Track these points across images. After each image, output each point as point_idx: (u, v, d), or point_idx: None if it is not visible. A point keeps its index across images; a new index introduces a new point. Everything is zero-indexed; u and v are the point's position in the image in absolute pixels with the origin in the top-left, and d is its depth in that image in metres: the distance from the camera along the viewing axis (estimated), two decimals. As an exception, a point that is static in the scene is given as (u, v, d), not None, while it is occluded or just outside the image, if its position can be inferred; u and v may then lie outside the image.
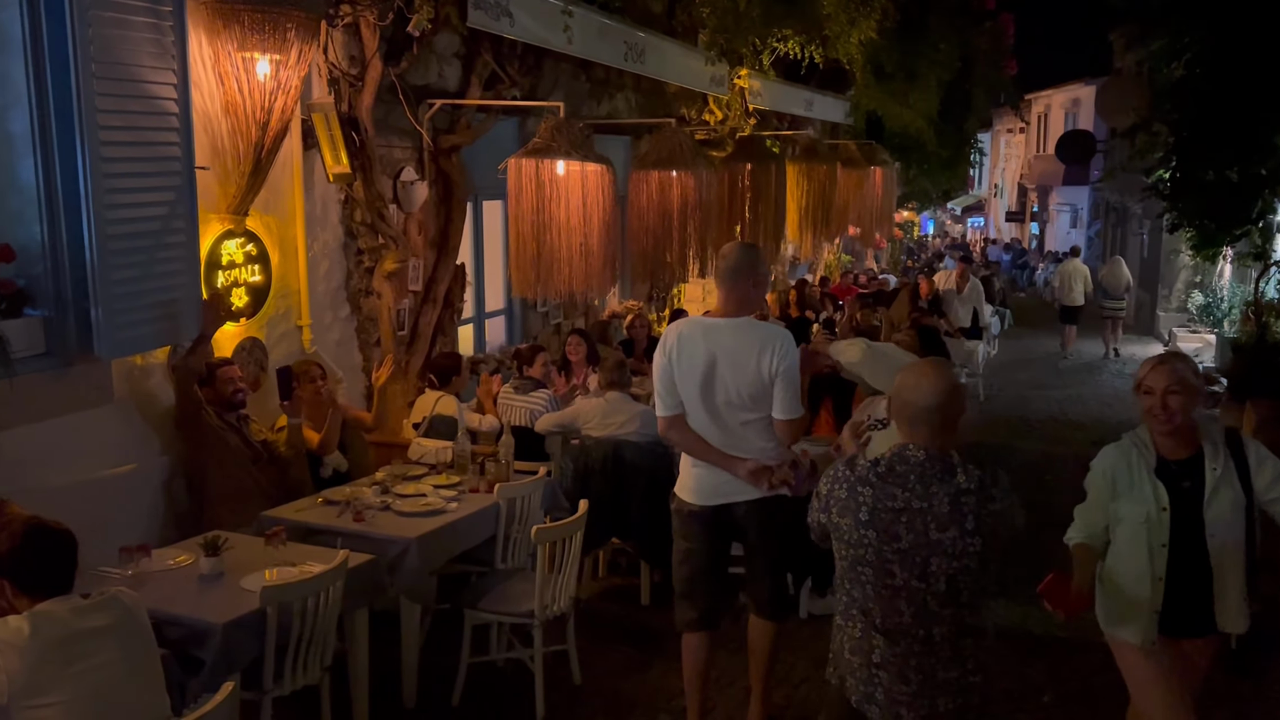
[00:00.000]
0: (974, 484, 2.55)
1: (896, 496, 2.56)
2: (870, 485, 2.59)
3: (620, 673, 4.81)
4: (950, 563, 2.52)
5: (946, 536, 2.52)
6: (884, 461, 2.61)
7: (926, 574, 2.54)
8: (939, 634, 2.57)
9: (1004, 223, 38.01)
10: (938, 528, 2.52)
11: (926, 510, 2.53)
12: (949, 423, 2.60)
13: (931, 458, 2.57)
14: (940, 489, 2.54)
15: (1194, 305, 15.63)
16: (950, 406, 2.59)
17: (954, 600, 2.55)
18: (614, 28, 7.25)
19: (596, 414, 5.52)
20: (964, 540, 2.51)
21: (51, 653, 2.56)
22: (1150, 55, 10.82)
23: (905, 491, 2.55)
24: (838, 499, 2.64)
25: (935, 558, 2.53)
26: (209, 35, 4.60)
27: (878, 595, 2.60)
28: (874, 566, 2.58)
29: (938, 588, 2.54)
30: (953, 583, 2.54)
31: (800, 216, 10.50)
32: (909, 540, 2.54)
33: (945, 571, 2.53)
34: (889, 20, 10.76)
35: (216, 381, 4.74)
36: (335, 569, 3.65)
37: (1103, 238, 24.69)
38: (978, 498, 2.53)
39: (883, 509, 2.56)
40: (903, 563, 2.55)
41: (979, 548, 2.52)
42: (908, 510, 2.54)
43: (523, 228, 5.78)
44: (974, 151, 21.19)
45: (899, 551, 2.55)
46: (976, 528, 2.51)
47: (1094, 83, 22.11)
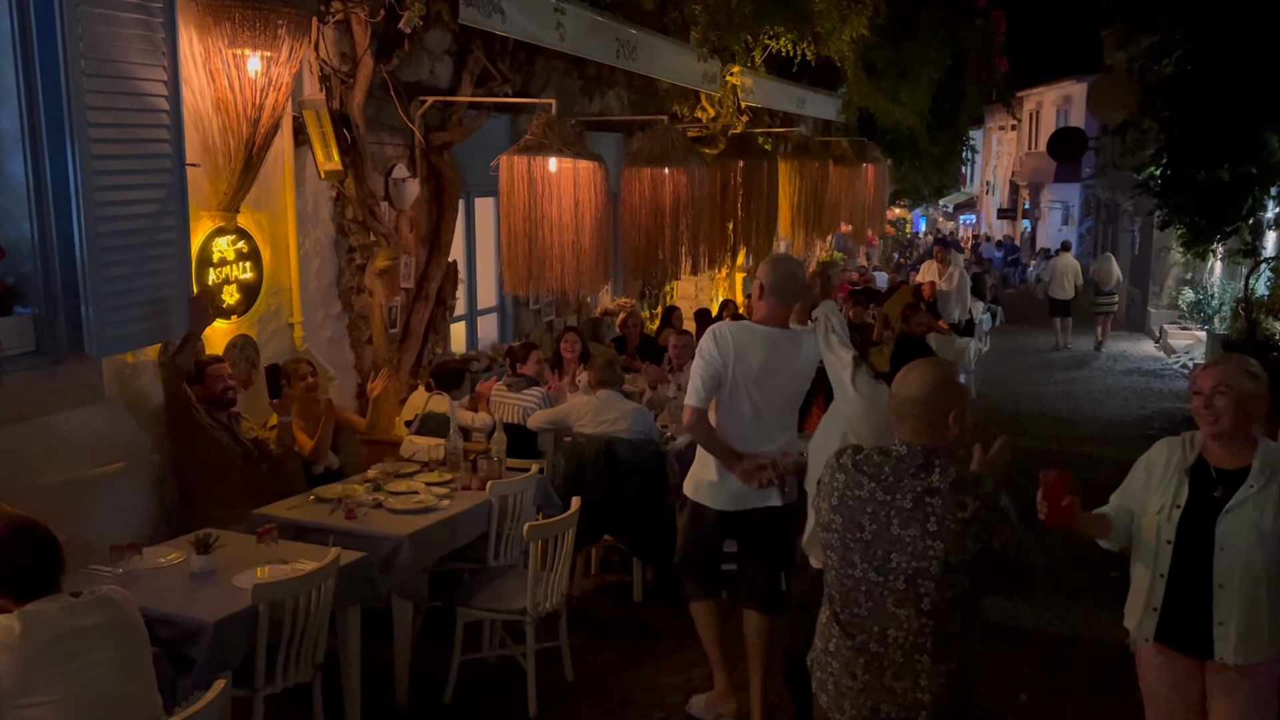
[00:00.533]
0: (946, 485, 2.45)
1: (864, 485, 2.52)
2: (845, 472, 2.58)
3: (613, 670, 4.82)
4: (910, 562, 2.45)
5: (908, 534, 2.45)
6: (866, 451, 2.59)
7: (886, 569, 2.48)
8: (894, 637, 2.49)
9: (995, 220, 38.09)
10: (900, 524, 2.46)
11: (890, 504, 2.48)
12: (936, 418, 2.53)
13: (912, 452, 2.52)
14: (909, 484, 2.48)
15: (1185, 302, 15.70)
16: (937, 402, 2.53)
17: (913, 604, 2.46)
18: (606, 24, 7.25)
19: (588, 411, 5.53)
20: (924, 541, 2.43)
21: (43, 652, 2.55)
22: (1141, 53, 10.85)
23: (873, 482, 2.51)
24: (822, 482, 2.65)
25: (896, 554, 2.47)
26: (199, 32, 4.59)
27: (839, 583, 2.58)
28: (838, 553, 2.57)
29: (895, 585, 2.47)
30: (912, 584, 2.45)
31: (792, 214, 10.50)
32: (871, 531, 2.50)
33: (904, 570, 2.46)
34: (880, 17, 10.78)
35: (207, 379, 4.73)
36: (327, 567, 3.64)
37: (1094, 235, 24.76)
38: (946, 500, 2.44)
39: (850, 497, 2.54)
40: (863, 553, 2.51)
41: (940, 553, 2.42)
42: (872, 501, 2.50)
43: (515, 225, 5.78)
44: (966, 148, 21.25)
45: (861, 541, 2.52)
46: (939, 530, 2.42)
47: (1085, 80, 22.15)
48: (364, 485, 4.75)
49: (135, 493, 4.60)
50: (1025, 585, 2.66)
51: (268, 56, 4.67)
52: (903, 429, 2.58)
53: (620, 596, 5.66)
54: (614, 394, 5.55)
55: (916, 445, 2.52)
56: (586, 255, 5.97)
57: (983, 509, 2.42)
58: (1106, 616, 5.17)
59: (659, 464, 5.60)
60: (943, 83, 15.16)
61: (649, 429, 5.55)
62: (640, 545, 5.55)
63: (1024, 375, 13.63)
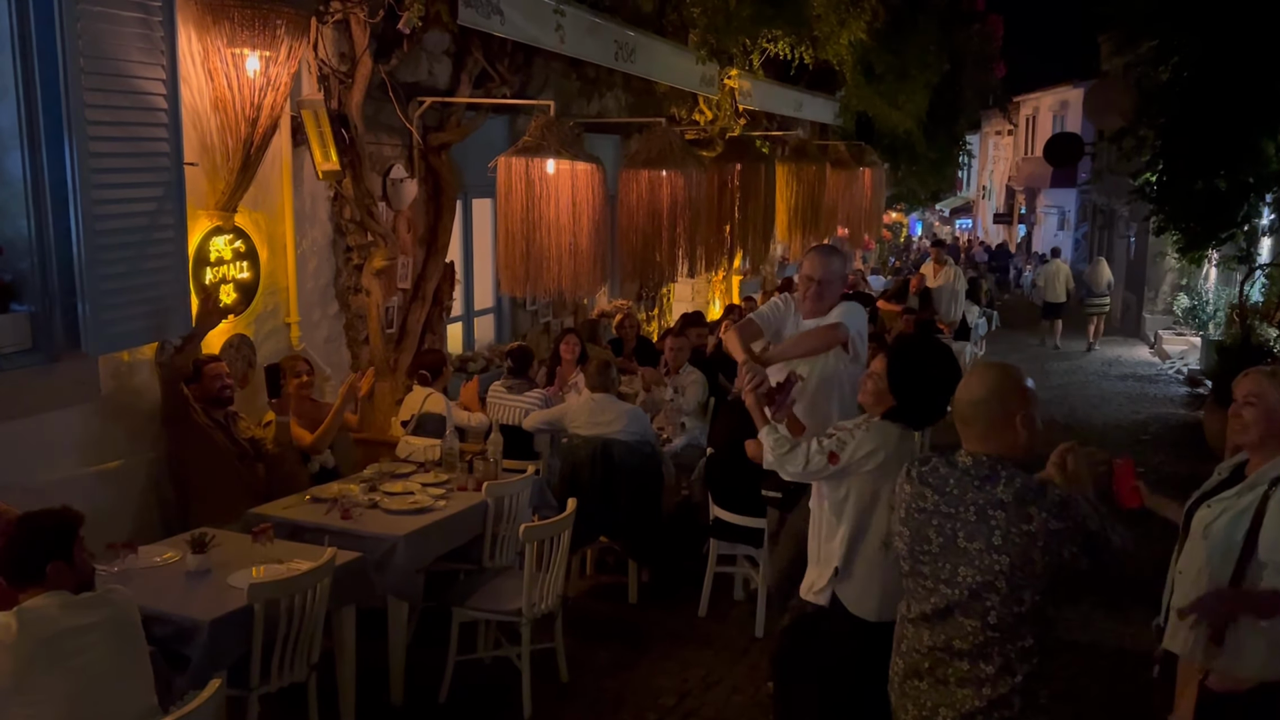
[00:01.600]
0: (1010, 497, 2.35)
1: (928, 498, 2.47)
2: (911, 483, 2.52)
3: (607, 671, 4.82)
4: (976, 575, 2.38)
5: (973, 547, 2.38)
6: (932, 462, 2.52)
7: (954, 581, 2.42)
8: (959, 646, 2.44)
9: (992, 224, 38.15)
10: (965, 537, 2.39)
11: (955, 516, 2.41)
12: (1001, 423, 2.43)
13: (978, 463, 2.42)
14: (973, 497, 2.39)
15: (1179, 308, 15.75)
16: (1001, 405, 2.42)
17: (980, 616, 2.40)
18: (604, 26, 7.25)
19: (584, 413, 5.53)
20: (989, 555, 2.35)
21: (40, 650, 2.55)
22: (1138, 59, 10.88)
23: (938, 495, 2.45)
24: (898, 490, 2.60)
25: (963, 567, 2.40)
26: (198, 31, 4.59)
27: (912, 591, 2.55)
28: (908, 563, 2.54)
29: (963, 598, 2.41)
30: (977, 597, 2.38)
31: (789, 217, 10.50)
32: (937, 544, 2.45)
33: (971, 584, 2.39)
34: (878, 21, 10.81)
35: (204, 378, 4.73)
36: (322, 566, 3.64)
37: (1090, 240, 24.81)
38: (1010, 513, 2.34)
39: (916, 509, 2.49)
40: (931, 565, 2.47)
41: (1006, 567, 2.33)
42: (937, 514, 2.44)
43: (512, 226, 5.78)
44: (962, 153, 21.28)
45: (928, 554, 2.47)
46: (1004, 545, 2.33)
47: (1082, 85, 22.19)
48: (360, 485, 4.75)
49: (131, 491, 4.60)
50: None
51: (266, 56, 4.67)
52: (967, 436, 2.49)
53: (615, 598, 5.66)
54: (610, 396, 5.56)
55: (982, 455, 2.44)
56: (584, 257, 5.97)
57: (1049, 520, 2.32)
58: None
59: (654, 466, 5.61)
60: (940, 87, 15.21)
61: (645, 431, 5.56)
62: (635, 547, 5.55)
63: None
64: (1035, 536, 2.31)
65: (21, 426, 4.02)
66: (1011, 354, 15.45)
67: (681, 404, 6.45)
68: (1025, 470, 2.45)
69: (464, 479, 4.89)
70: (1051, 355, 15.72)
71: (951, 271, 11.81)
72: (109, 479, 4.51)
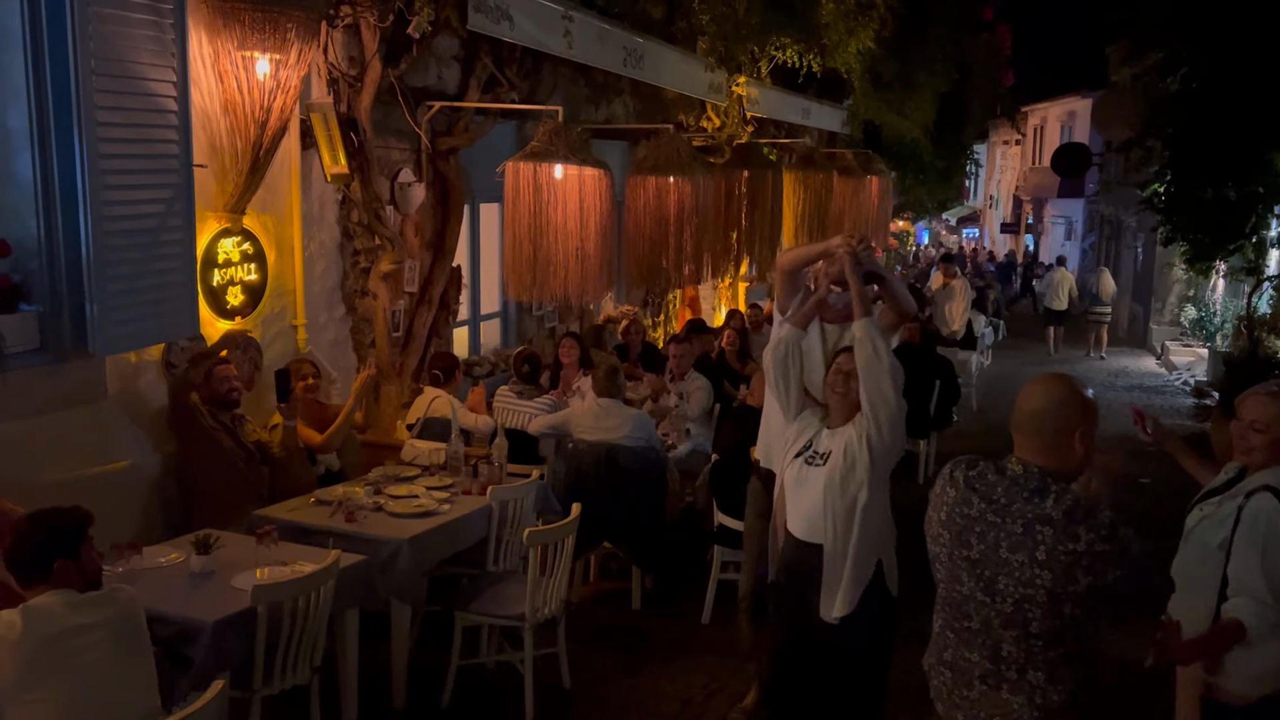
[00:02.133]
0: (1059, 514, 2.28)
1: (974, 504, 2.39)
2: (955, 487, 2.45)
3: (610, 677, 4.81)
4: (1017, 588, 2.31)
5: (1015, 559, 2.31)
6: (980, 466, 2.45)
7: (993, 590, 2.35)
8: (1008, 652, 2.37)
9: (999, 234, 38.10)
10: (1009, 548, 2.32)
11: (1000, 526, 2.34)
12: (1060, 437, 2.36)
13: (1028, 474, 2.35)
14: (1022, 508, 2.32)
15: (1187, 319, 15.73)
16: (1064, 418, 2.36)
17: (1021, 626, 2.33)
18: (613, 33, 7.26)
19: (590, 418, 5.53)
20: (1031, 569, 2.28)
21: (44, 648, 2.55)
22: (1146, 70, 10.88)
23: (984, 502, 2.37)
24: (933, 494, 2.52)
25: (1003, 577, 2.33)
26: (209, 33, 4.60)
27: (949, 596, 2.48)
28: (945, 568, 2.47)
29: (1003, 607, 2.34)
30: (1019, 608, 2.32)
31: (796, 224, 10.50)
32: (979, 551, 2.37)
33: (1013, 595, 2.32)
34: (887, 30, 10.80)
35: (213, 379, 4.72)
36: (326, 569, 3.64)
37: (1097, 250, 24.75)
38: (1058, 530, 2.27)
39: (959, 514, 2.41)
40: (970, 572, 2.39)
41: (1047, 583, 2.27)
42: (982, 521, 2.37)
43: (519, 230, 5.78)
44: (970, 162, 21.26)
45: (967, 560, 2.39)
46: (1048, 560, 2.26)
47: (1090, 96, 22.19)
48: (364, 488, 4.75)
49: (136, 492, 4.60)
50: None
51: (276, 59, 4.69)
52: (1023, 446, 2.41)
53: (619, 604, 5.65)
54: (615, 401, 5.55)
55: (1034, 467, 2.37)
56: (590, 262, 5.97)
57: (1096, 542, 2.25)
58: (1134, 636, 5.15)
59: (659, 472, 5.60)
60: (948, 96, 15.20)
61: (650, 436, 5.55)
62: (639, 553, 5.55)
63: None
64: (1080, 557, 2.25)
65: (29, 426, 4.02)
66: (1017, 368, 15.42)
67: (686, 410, 6.45)
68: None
69: (469, 483, 4.89)
70: (1053, 363, 15.77)
71: (957, 284, 11.92)
72: (115, 479, 4.51)
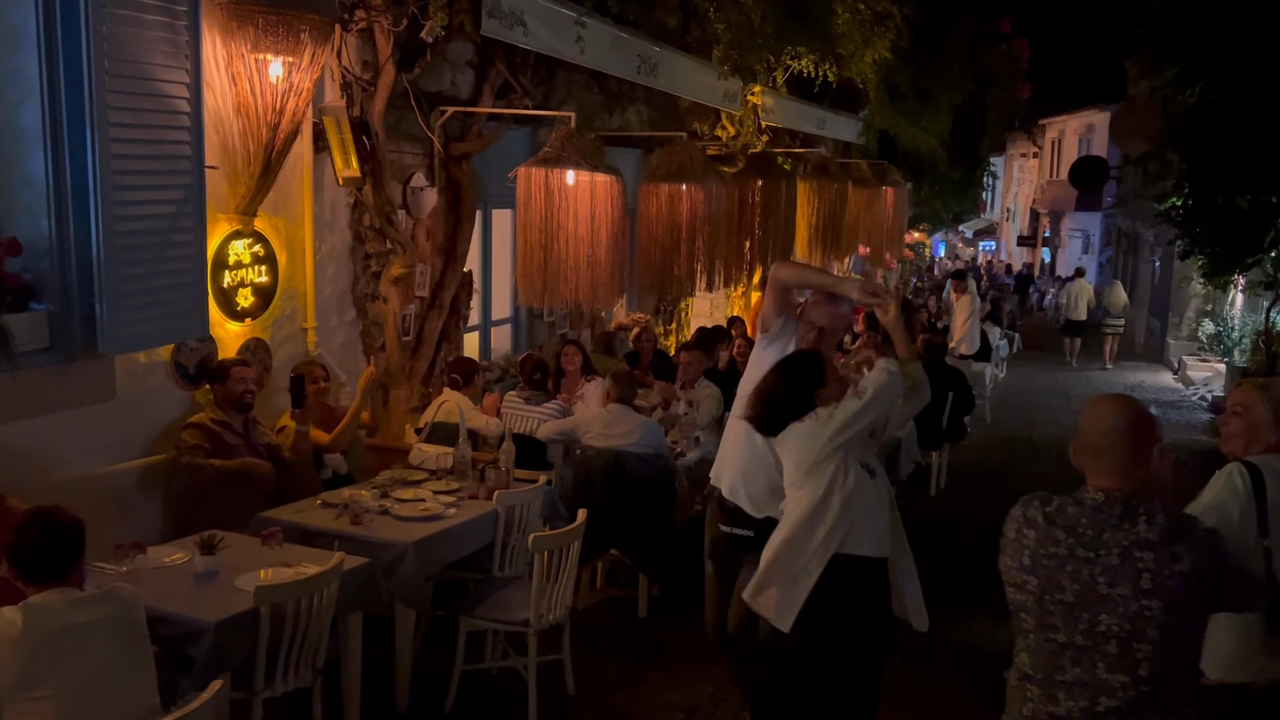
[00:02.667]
0: (1156, 535, 2.16)
1: (1060, 542, 2.24)
2: (1034, 527, 2.29)
3: (615, 685, 4.78)
4: (1123, 625, 2.17)
5: (1117, 593, 2.17)
6: (1056, 501, 2.30)
7: (1094, 633, 2.20)
8: (1107, 705, 2.19)
9: (1015, 247, 37.97)
10: (1107, 582, 2.18)
11: (1094, 560, 2.20)
12: (1138, 456, 2.27)
13: (1111, 500, 2.23)
14: (1113, 537, 2.19)
15: (1204, 333, 15.62)
16: (1135, 437, 2.26)
17: (1128, 669, 2.18)
18: (627, 40, 7.27)
19: (598, 424, 5.51)
20: (1138, 601, 2.15)
21: (44, 646, 2.55)
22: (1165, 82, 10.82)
23: (1071, 537, 2.23)
24: (1007, 539, 2.36)
25: (1105, 615, 2.19)
26: (223, 36, 4.62)
27: (1039, 647, 2.31)
28: (1035, 617, 2.29)
29: (1107, 649, 2.19)
30: (1126, 648, 2.17)
31: (810, 234, 10.47)
32: (1073, 593, 2.21)
33: (1116, 634, 2.17)
34: (903, 40, 10.78)
35: (229, 380, 4.74)
36: (330, 571, 3.63)
37: (1114, 264, 24.63)
38: (1158, 553, 2.15)
39: (1045, 554, 2.25)
40: (1066, 617, 2.23)
41: (1158, 612, 2.13)
42: (1072, 559, 2.22)
43: (530, 236, 5.78)
44: (987, 174, 21.20)
45: (1061, 604, 2.23)
46: (1155, 588, 2.13)
47: (1108, 109, 22.10)
48: (371, 491, 4.74)
49: (143, 492, 4.62)
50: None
51: (290, 62, 4.70)
52: (1097, 470, 2.29)
53: (625, 611, 5.62)
54: (625, 408, 5.53)
55: (1114, 491, 2.25)
56: (601, 269, 5.96)
57: (1200, 558, 2.15)
58: None
59: (667, 480, 5.57)
60: (964, 108, 15.17)
61: (659, 444, 5.53)
62: (646, 560, 5.52)
63: (1040, 402, 13.55)
64: (1187, 577, 2.14)
65: (37, 425, 4.04)
66: (1032, 381, 15.36)
67: (695, 418, 6.42)
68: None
69: (475, 487, 4.88)
70: (1070, 375, 15.82)
71: (966, 299, 11.93)
72: (122, 479, 4.53)
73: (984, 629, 5.58)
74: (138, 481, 4.60)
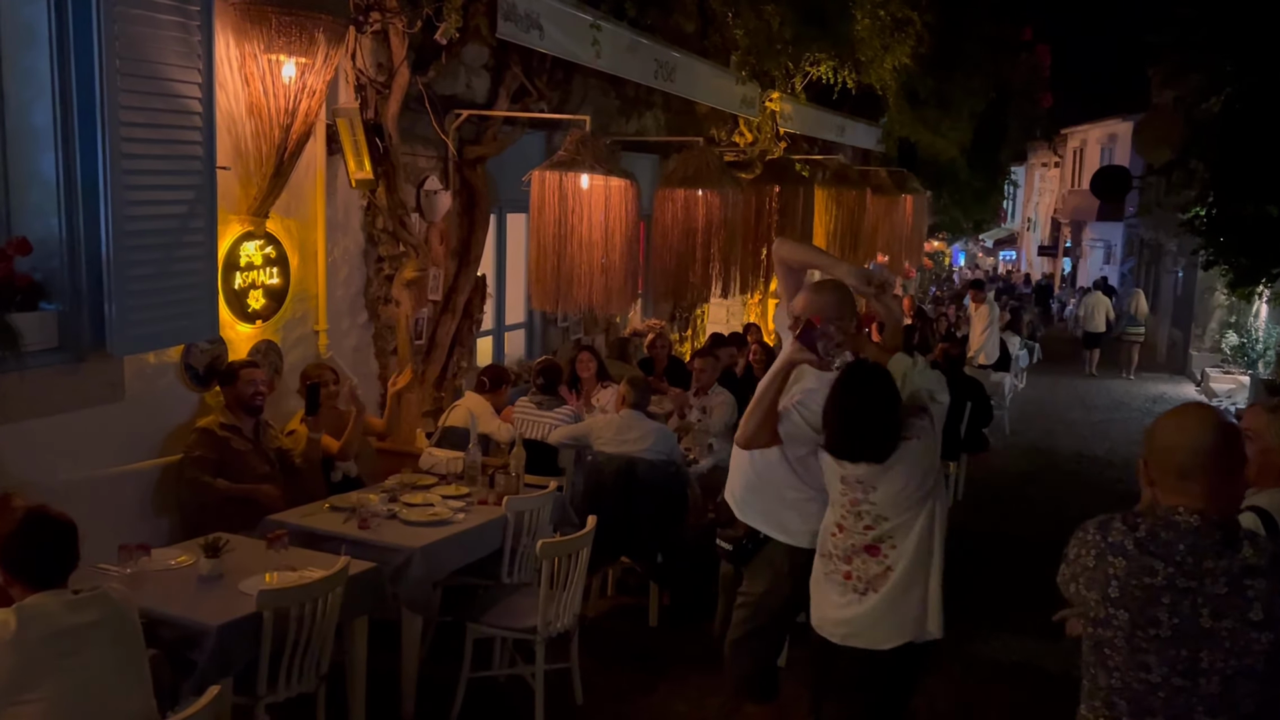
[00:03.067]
0: (1265, 560, 2.01)
1: (1157, 571, 2.04)
2: (1123, 554, 2.08)
3: (623, 694, 4.72)
4: (1228, 660, 2.00)
5: (1222, 626, 2.00)
6: (1144, 525, 2.10)
7: (1194, 670, 2.02)
8: None
9: (1036, 257, 37.73)
10: (1211, 614, 2.01)
11: (1197, 590, 2.02)
12: (1230, 476, 2.12)
13: (1209, 524, 2.05)
14: (1217, 565, 2.02)
15: (1228, 345, 15.44)
16: (1230, 453, 2.11)
17: (1230, 710, 2.03)
18: (644, 45, 7.23)
19: (610, 430, 5.46)
20: (1246, 634, 1.99)
21: (38, 648, 2.51)
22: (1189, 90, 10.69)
23: (1169, 566, 2.04)
24: (1084, 567, 2.16)
25: (1206, 651, 2.02)
26: (236, 36, 4.61)
27: (1126, 688, 2.10)
28: (1123, 655, 2.10)
29: (1208, 689, 2.02)
30: (1230, 686, 2.01)
31: (828, 242, 10.41)
32: (1171, 626, 2.03)
33: (1220, 670, 2.01)
34: (923, 47, 10.70)
35: (239, 382, 4.71)
36: (335, 575, 3.59)
37: (1136, 275, 24.41)
38: (1270, 580, 1.99)
39: (1138, 585, 2.06)
40: (1161, 654, 2.05)
41: (1269, 646, 1.98)
42: (1171, 589, 2.03)
43: (544, 240, 5.75)
44: (1007, 183, 21.07)
45: (1157, 640, 2.05)
46: (1267, 619, 1.98)
47: (1131, 119, 21.93)
48: (380, 495, 4.71)
49: (151, 493, 4.60)
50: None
51: (303, 63, 4.68)
52: (1184, 494, 2.10)
53: (636, 620, 5.56)
54: (638, 413, 5.48)
55: (1210, 513, 2.07)
56: (615, 274, 5.92)
57: None
58: None
59: (679, 487, 5.51)
60: (985, 116, 15.07)
61: (671, 450, 5.47)
62: (656, 568, 5.46)
63: (1060, 414, 13.41)
64: None
65: (45, 425, 4.02)
66: (1051, 392, 15.22)
67: (709, 425, 6.36)
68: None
69: (485, 492, 4.83)
70: (1090, 386, 15.77)
71: (984, 309, 11.88)
72: (131, 481, 4.51)
73: (1002, 642, 5.49)
74: (146, 483, 4.58)
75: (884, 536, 3.20)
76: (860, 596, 3.23)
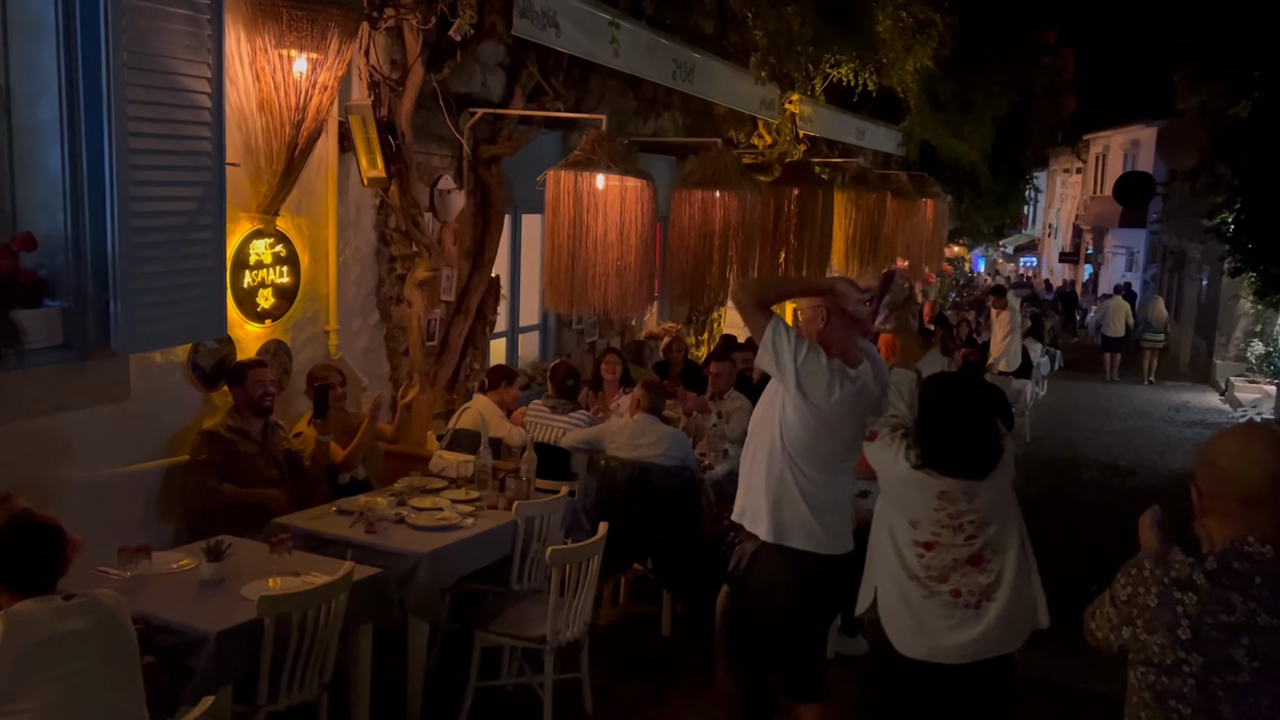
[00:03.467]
0: None
1: (1235, 607, 1.87)
2: (1194, 590, 1.90)
3: (635, 705, 4.62)
4: None
5: None
6: (1213, 558, 1.93)
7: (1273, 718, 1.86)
8: None
9: (1057, 263, 37.42)
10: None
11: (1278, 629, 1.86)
12: None
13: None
14: None
15: (1253, 354, 15.25)
16: None
17: None
18: (663, 45, 7.14)
19: (624, 434, 5.36)
20: None
21: (28, 656, 2.43)
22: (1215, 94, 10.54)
23: (1249, 600, 1.86)
24: (1144, 607, 1.97)
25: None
26: (247, 30, 4.54)
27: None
28: (1194, 705, 1.90)
29: None
30: None
31: (847, 245, 10.30)
32: (1251, 670, 1.85)
33: None
34: (945, 49, 10.58)
35: (248, 383, 4.64)
36: (339, 581, 3.51)
37: (1158, 282, 24.16)
38: None
39: (1213, 624, 1.88)
40: (1238, 702, 1.86)
41: None
42: (1251, 627, 1.86)
43: (559, 240, 5.66)
44: (1029, 188, 20.88)
45: (1233, 686, 1.86)
46: None
47: (1155, 125, 21.73)
48: (388, 499, 4.62)
49: (155, 494, 4.53)
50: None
51: (315, 59, 4.61)
52: (1257, 520, 1.93)
53: (648, 628, 5.45)
54: (651, 417, 5.39)
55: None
56: (631, 275, 5.82)
57: None
58: None
59: (694, 493, 5.41)
60: (1007, 120, 14.90)
61: (685, 456, 5.37)
62: (670, 576, 5.36)
63: (1081, 422, 13.24)
64: None
65: (49, 424, 3.96)
66: (1073, 399, 15.05)
67: (725, 430, 6.24)
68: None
69: (495, 497, 4.74)
70: (1111, 391, 15.76)
71: (1005, 315, 11.73)
72: (135, 481, 4.44)
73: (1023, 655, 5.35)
74: (151, 484, 4.52)
75: (987, 544, 3.11)
76: (975, 611, 3.12)
